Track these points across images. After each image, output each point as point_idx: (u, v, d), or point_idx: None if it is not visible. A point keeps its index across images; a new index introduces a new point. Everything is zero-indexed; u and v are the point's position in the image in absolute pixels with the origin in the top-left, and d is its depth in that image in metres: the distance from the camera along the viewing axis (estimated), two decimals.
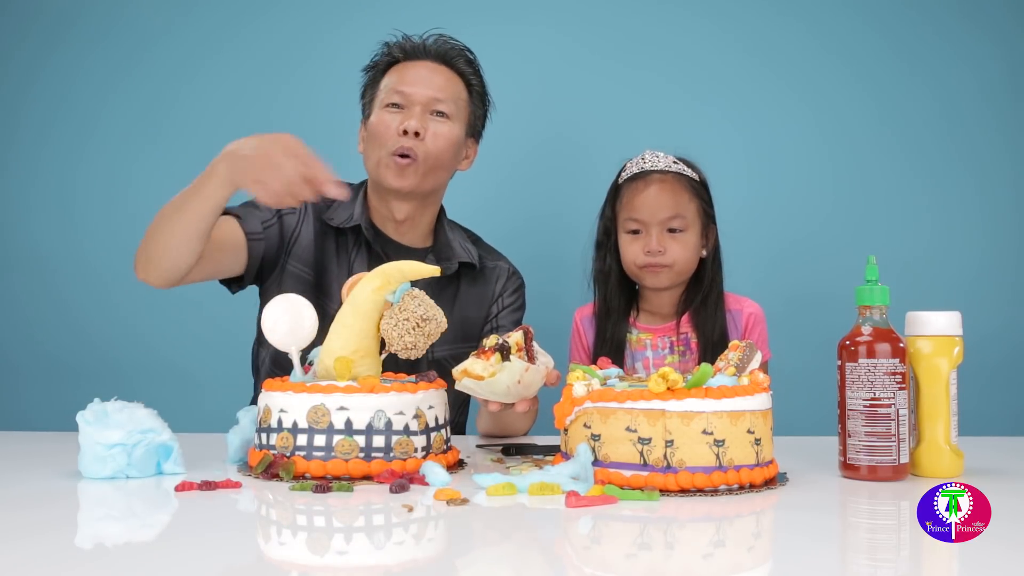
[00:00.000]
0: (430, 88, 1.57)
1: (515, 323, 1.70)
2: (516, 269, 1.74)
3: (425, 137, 1.55)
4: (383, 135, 1.55)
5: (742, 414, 1.00)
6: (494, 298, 1.69)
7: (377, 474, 1.06)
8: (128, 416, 1.10)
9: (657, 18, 2.21)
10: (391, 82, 1.59)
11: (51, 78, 2.31)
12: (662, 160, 1.63)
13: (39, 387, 2.27)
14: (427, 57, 1.60)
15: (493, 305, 1.69)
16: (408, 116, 1.55)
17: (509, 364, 1.10)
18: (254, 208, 1.57)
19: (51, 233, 2.30)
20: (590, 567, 0.76)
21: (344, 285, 1.24)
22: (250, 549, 0.83)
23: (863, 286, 1.12)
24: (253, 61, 2.26)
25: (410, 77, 1.58)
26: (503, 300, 1.69)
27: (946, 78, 2.15)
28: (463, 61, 1.63)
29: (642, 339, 1.66)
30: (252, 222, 1.55)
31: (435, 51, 1.61)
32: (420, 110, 1.55)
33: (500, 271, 1.70)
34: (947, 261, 2.12)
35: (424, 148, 1.55)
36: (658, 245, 1.58)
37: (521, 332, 1.15)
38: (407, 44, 1.61)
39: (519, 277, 1.73)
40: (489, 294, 1.68)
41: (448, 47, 1.62)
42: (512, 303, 1.70)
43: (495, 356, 1.11)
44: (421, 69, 1.59)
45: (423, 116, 1.55)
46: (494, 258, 1.72)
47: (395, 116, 1.56)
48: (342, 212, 1.62)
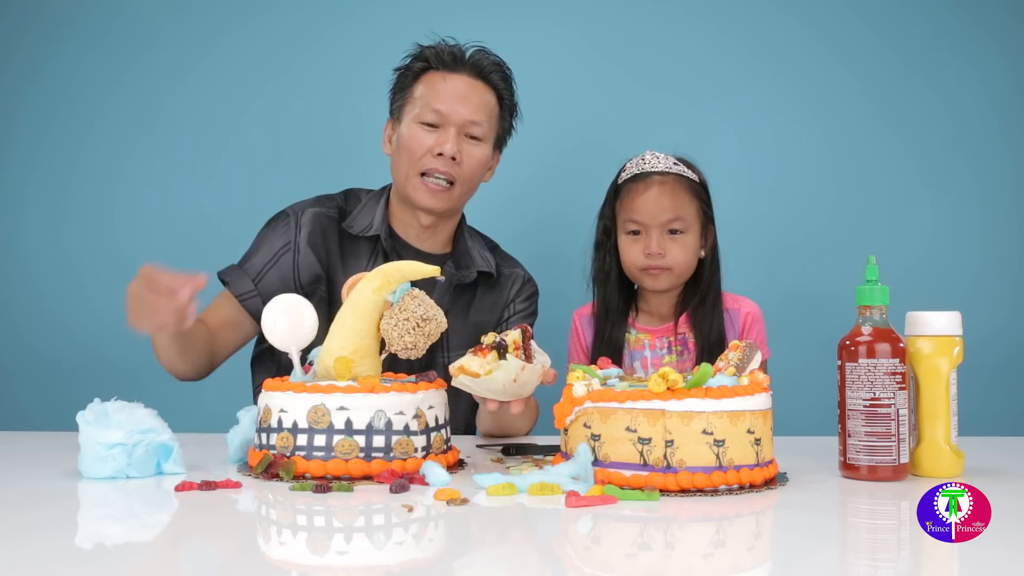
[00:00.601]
0: (466, 109, 1.55)
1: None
2: (531, 277, 1.74)
3: (461, 161, 1.55)
4: (415, 151, 1.55)
5: (742, 414, 1.00)
6: (506, 303, 1.70)
7: (377, 474, 1.06)
8: (128, 416, 1.10)
9: (660, 19, 2.21)
10: (426, 95, 1.57)
11: (49, 79, 2.31)
12: (662, 161, 1.63)
13: (39, 387, 2.27)
14: (463, 70, 1.58)
15: (505, 310, 1.70)
16: (444, 138, 1.54)
17: (505, 363, 1.10)
18: (243, 265, 1.59)
19: (49, 234, 2.29)
20: (590, 567, 0.76)
21: (344, 285, 1.24)
22: (250, 549, 0.83)
23: (863, 286, 1.12)
24: (250, 61, 2.26)
25: (447, 94, 1.56)
26: (515, 306, 1.70)
27: (947, 78, 2.15)
28: (499, 76, 1.61)
29: (640, 339, 1.66)
30: (240, 283, 1.57)
31: (473, 64, 1.59)
32: (455, 132, 1.55)
33: (515, 278, 1.71)
34: (947, 261, 2.12)
35: (460, 172, 1.56)
36: (658, 247, 1.58)
37: (519, 331, 1.15)
38: (444, 52, 1.58)
39: (533, 284, 1.74)
40: (503, 300, 1.69)
41: (487, 62, 1.60)
42: (524, 309, 1.71)
43: (492, 354, 1.11)
44: (458, 84, 1.57)
45: (458, 139, 1.55)
46: (510, 265, 1.73)
47: (429, 135, 1.55)
48: (362, 219, 1.62)
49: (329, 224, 1.60)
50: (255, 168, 2.24)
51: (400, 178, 1.59)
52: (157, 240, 2.23)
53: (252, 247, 1.62)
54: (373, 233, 1.60)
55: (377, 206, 1.63)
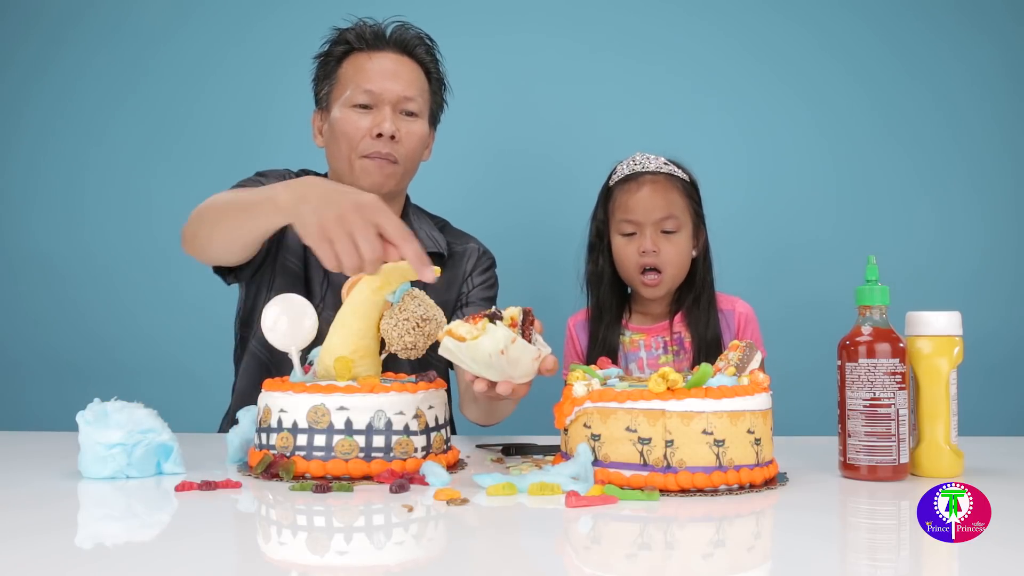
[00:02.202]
0: (398, 85, 1.53)
1: (487, 301, 1.66)
2: (486, 249, 1.70)
3: (401, 139, 1.53)
4: (353, 136, 1.52)
5: (742, 414, 1.00)
6: (464, 278, 1.66)
7: (377, 474, 1.06)
8: (128, 416, 1.10)
9: (652, 19, 2.21)
10: (354, 76, 1.54)
11: (54, 79, 2.31)
12: (653, 162, 1.64)
13: (38, 387, 2.27)
14: (388, 48, 1.55)
15: (463, 284, 1.66)
16: (380, 117, 1.52)
17: (493, 328, 1.03)
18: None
19: (54, 233, 2.30)
20: (590, 567, 0.76)
21: (344, 285, 1.24)
22: (250, 549, 0.83)
23: (863, 286, 1.12)
24: (258, 61, 2.27)
25: (375, 73, 1.53)
26: (473, 279, 1.66)
27: (945, 78, 2.16)
28: (423, 50, 1.58)
29: (635, 340, 1.66)
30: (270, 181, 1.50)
31: (396, 40, 1.56)
32: (390, 110, 1.53)
33: (470, 252, 1.67)
34: (947, 261, 2.12)
35: (402, 150, 1.54)
36: (652, 245, 1.59)
37: (519, 309, 1.08)
38: (366, 31, 1.55)
39: (489, 256, 1.70)
40: (459, 277, 1.66)
41: (409, 36, 1.57)
42: (483, 282, 1.67)
43: (483, 321, 1.04)
44: (385, 62, 1.54)
45: (395, 116, 1.53)
46: (463, 241, 1.69)
47: (364, 116, 1.53)
48: None
49: None
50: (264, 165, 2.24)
51: (342, 166, 1.55)
52: (164, 237, 2.23)
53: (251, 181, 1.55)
54: None
55: None
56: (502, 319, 1.06)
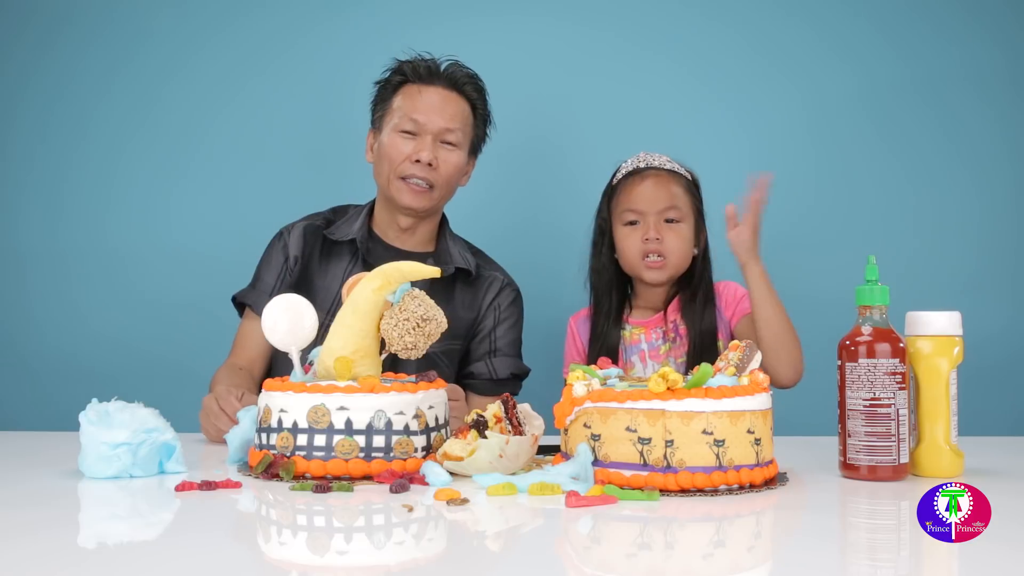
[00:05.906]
0: (442, 118, 1.67)
1: (513, 340, 1.76)
2: (511, 280, 1.79)
3: (437, 167, 1.66)
4: (395, 158, 1.67)
5: (742, 414, 1.00)
6: (487, 307, 1.75)
7: (377, 474, 1.06)
8: (131, 415, 1.10)
9: (653, 19, 2.21)
10: (404, 105, 1.68)
11: (46, 76, 2.31)
12: (656, 159, 1.68)
13: (38, 387, 2.27)
14: (439, 82, 1.69)
15: (487, 314, 1.75)
16: (421, 146, 1.66)
17: (486, 441, 1.06)
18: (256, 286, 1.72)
19: (49, 232, 2.29)
20: (590, 567, 0.76)
21: (344, 285, 1.24)
22: (250, 549, 0.83)
23: (863, 286, 1.12)
24: (246, 58, 2.26)
25: (423, 105, 1.67)
26: (499, 313, 1.75)
27: (945, 78, 2.15)
28: (471, 87, 1.72)
29: (635, 333, 1.69)
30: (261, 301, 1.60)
31: (447, 76, 1.70)
32: (431, 139, 1.66)
33: (494, 281, 1.77)
34: (947, 261, 2.12)
35: (437, 177, 1.67)
36: (656, 232, 1.61)
37: (499, 403, 1.13)
38: (420, 66, 1.70)
39: (514, 290, 1.79)
40: (481, 298, 1.75)
41: (460, 74, 1.71)
42: (508, 316, 1.76)
43: (472, 433, 1.10)
44: (433, 96, 1.68)
45: (434, 146, 1.67)
46: (490, 268, 1.79)
47: (408, 143, 1.66)
48: (345, 228, 1.73)
49: (313, 233, 1.74)
50: (251, 165, 2.25)
51: (382, 182, 1.71)
52: (163, 237, 2.24)
53: (258, 269, 1.75)
54: (351, 238, 1.70)
55: (360, 216, 1.75)
56: (487, 424, 1.10)
